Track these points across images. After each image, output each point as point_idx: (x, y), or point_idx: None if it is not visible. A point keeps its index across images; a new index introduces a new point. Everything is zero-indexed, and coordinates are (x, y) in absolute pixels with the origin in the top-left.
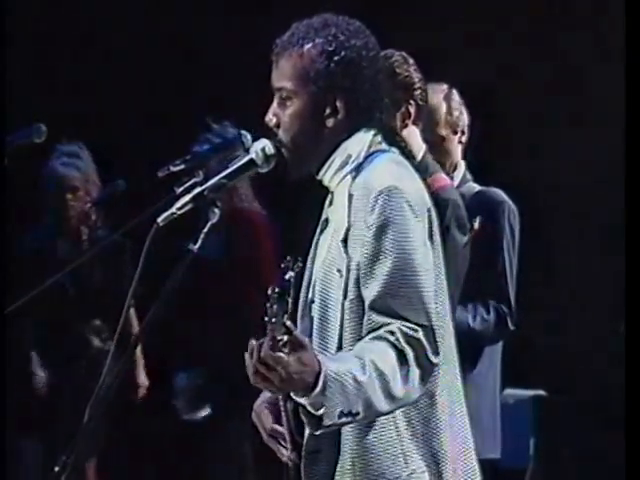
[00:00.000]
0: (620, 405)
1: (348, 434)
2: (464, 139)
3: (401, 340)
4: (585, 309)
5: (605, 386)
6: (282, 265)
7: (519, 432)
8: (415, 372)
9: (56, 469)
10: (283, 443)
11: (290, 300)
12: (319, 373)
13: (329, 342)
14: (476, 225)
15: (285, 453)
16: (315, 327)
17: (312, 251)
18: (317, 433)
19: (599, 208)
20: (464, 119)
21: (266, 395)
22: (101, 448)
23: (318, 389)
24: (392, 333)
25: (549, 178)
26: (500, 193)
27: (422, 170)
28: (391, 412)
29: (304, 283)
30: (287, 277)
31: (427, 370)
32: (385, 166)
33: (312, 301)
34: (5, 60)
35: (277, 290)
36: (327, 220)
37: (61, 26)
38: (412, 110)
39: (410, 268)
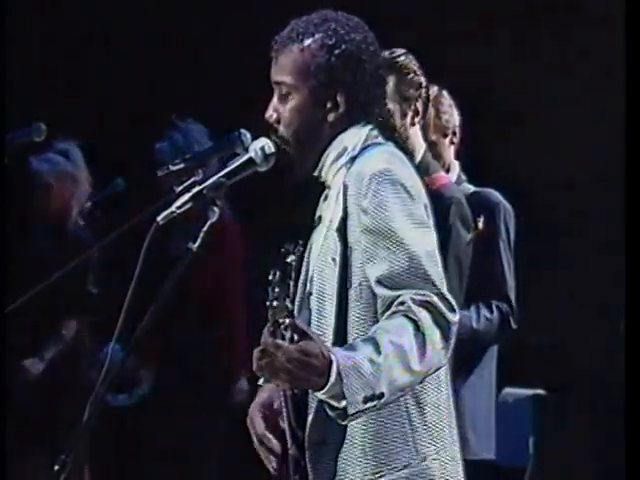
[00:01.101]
0: (620, 404)
1: (356, 422)
2: (455, 140)
3: (412, 307)
4: (584, 308)
5: (604, 385)
6: (283, 249)
7: (518, 431)
8: (435, 333)
9: (56, 468)
10: (273, 451)
11: (292, 283)
12: (330, 364)
13: (326, 331)
14: (480, 225)
15: (274, 465)
16: (313, 318)
17: (307, 247)
18: (344, 423)
19: (598, 207)
20: (454, 120)
21: (260, 399)
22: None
23: (332, 379)
24: (403, 303)
25: (547, 177)
26: (495, 194)
27: (423, 169)
28: (420, 382)
29: (301, 277)
30: (289, 260)
31: (446, 329)
32: (378, 155)
33: (310, 293)
34: (5, 60)
35: (279, 273)
36: (320, 217)
37: (61, 26)
38: (420, 108)
39: (411, 244)
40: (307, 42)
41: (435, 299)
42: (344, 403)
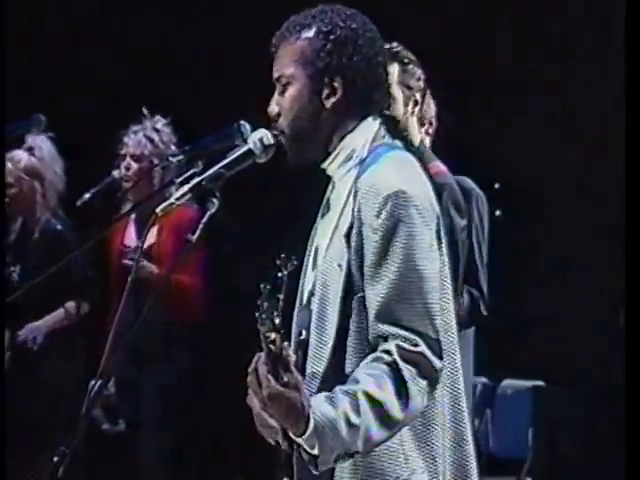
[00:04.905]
0: (619, 396)
1: None
2: (431, 130)
3: (398, 360)
4: (584, 300)
5: (604, 377)
6: (276, 262)
7: (518, 423)
8: (421, 384)
9: (55, 459)
10: (271, 428)
11: (281, 298)
12: (308, 418)
13: (326, 336)
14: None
15: (274, 438)
16: (314, 320)
17: (312, 235)
18: (315, 472)
19: (599, 205)
20: (431, 110)
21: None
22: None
23: (309, 433)
24: (389, 353)
25: (547, 175)
26: (468, 181)
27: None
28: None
29: (305, 271)
30: (279, 275)
31: (433, 377)
32: (392, 166)
33: (312, 294)
34: (5, 60)
35: (268, 287)
36: (328, 205)
37: (61, 24)
38: (419, 100)
39: (416, 275)
40: (304, 33)
41: (424, 348)
42: (316, 452)
